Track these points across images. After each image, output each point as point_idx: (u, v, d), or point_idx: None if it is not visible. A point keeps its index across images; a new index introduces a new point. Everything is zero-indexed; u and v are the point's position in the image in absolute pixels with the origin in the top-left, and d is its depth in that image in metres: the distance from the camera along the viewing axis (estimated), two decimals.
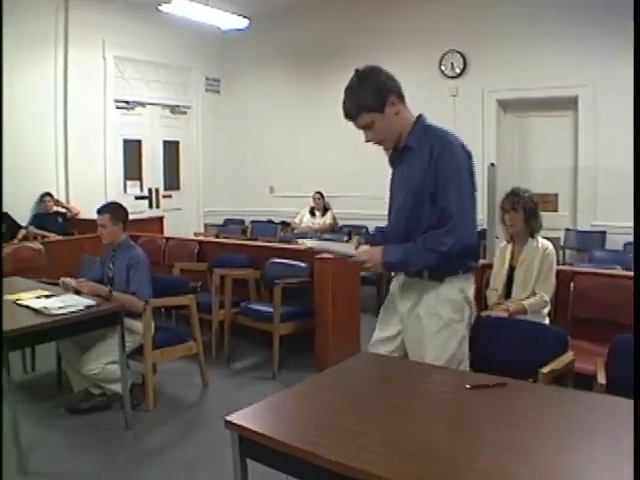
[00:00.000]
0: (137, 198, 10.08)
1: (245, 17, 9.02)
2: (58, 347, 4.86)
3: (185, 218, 10.81)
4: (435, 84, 8.94)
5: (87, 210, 8.53)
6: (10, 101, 8.61)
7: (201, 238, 7.64)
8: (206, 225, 10.88)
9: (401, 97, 2.90)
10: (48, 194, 8.88)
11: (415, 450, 1.95)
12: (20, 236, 8.25)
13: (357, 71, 2.90)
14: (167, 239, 7.51)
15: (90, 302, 4.16)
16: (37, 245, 7.43)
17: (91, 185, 9.44)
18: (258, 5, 9.78)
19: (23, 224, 8.55)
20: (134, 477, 3.71)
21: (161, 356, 4.73)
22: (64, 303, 4.11)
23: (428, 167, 2.79)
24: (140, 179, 10.48)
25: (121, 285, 4.48)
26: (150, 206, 10.51)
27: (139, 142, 10.41)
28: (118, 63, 9.86)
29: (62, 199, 9.15)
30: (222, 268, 5.98)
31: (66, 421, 4.47)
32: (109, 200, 5.45)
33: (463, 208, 2.77)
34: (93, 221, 7.60)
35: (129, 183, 10.26)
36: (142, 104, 10.39)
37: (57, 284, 4.81)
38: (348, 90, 2.89)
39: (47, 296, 4.37)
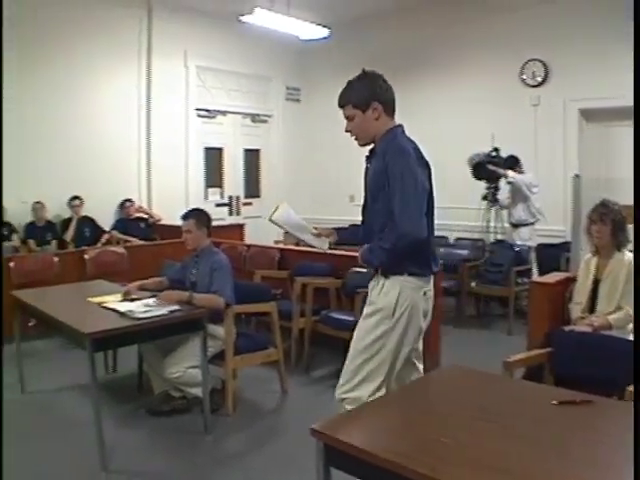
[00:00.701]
0: (218, 205, 10.21)
1: (325, 26, 9.03)
2: (140, 349, 4.94)
3: (265, 226, 10.75)
4: (515, 93, 8.78)
5: (169, 216, 8.72)
6: (96, 109, 8.85)
7: (282, 246, 7.65)
8: (286, 233, 10.84)
9: (387, 107, 3.23)
10: (129, 200, 9.07)
11: (497, 464, 1.92)
12: (104, 240, 8.47)
13: (363, 70, 3.31)
14: (248, 246, 7.55)
15: (174, 307, 4.22)
16: (120, 249, 7.58)
17: (173, 192, 9.62)
18: (338, 15, 9.80)
19: (106, 229, 8.76)
20: None
21: (241, 362, 4.75)
22: (149, 307, 4.19)
23: (381, 170, 3.11)
24: (221, 187, 10.64)
25: (203, 289, 4.50)
26: (230, 213, 10.66)
27: (220, 150, 10.56)
28: (200, 72, 10.03)
29: (144, 205, 9.33)
30: (303, 276, 5.99)
31: (146, 422, 4.55)
32: (190, 207, 5.50)
33: (406, 209, 2.97)
34: (175, 227, 7.68)
35: (210, 190, 10.42)
36: (223, 113, 10.54)
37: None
38: (348, 83, 3.30)
39: (132, 299, 4.46)
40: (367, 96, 3.18)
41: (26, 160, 8.29)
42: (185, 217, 4.75)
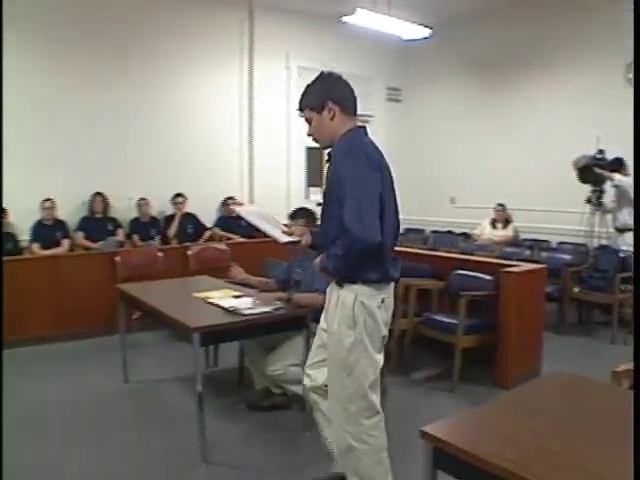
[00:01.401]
0: (319, 205, 10.11)
1: (427, 26, 8.95)
2: (242, 345, 5.00)
3: None
4: (620, 93, 8.36)
5: (271, 214, 8.78)
6: (199, 110, 9.03)
7: None
8: None
9: (344, 106, 3.11)
10: (231, 198, 9.20)
11: (608, 476, 1.86)
12: (206, 237, 8.62)
13: (320, 73, 3.20)
14: None
15: (278, 304, 4.25)
16: (222, 246, 7.70)
17: (274, 191, 9.76)
18: (440, 14, 9.74)
19: (209, 225, 8.91)
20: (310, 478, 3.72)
21: None
22: (253, 304, 4.23)
23: (332, 174, 3.03)
24: (322, 186, 10.54)
25: (307, 288, 4.49)
26: None
27: (321, 150, 10.49)
28: (301, 73, 10.08)
29: (246, 203, 9.44)
30: (405, 277, 5.93)
31: (246, 417, 4.61)
32: (292, 206, 5.51)
33: (356, 213, 2.82)
34: None
35: (312, 190, 10.53)
36: None
37: (243, 284, 4.94)
38: (305, 87, 3.20)
39: (236, 296, 4.52)
40: (320, 96, 3.11)
41: (132, 158, 8.56)
42: (292, 216, 4.75)
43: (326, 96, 3.09)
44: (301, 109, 3.23)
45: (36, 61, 7.93)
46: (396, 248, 3.28)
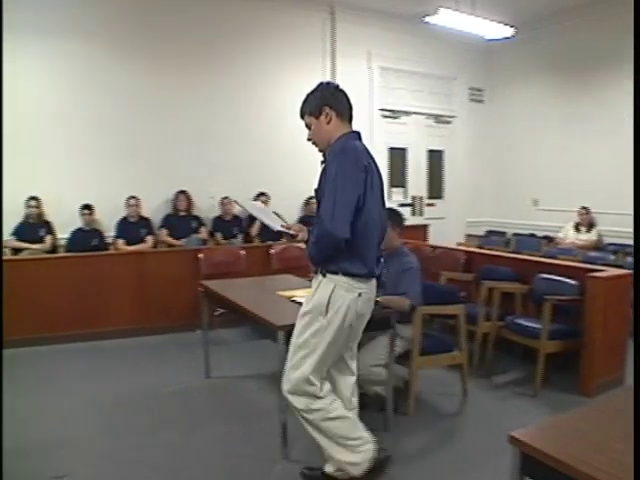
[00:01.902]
0: (401, 205, 10.13)
1: (511, 26, 8.84)
2: None
3: (447, 227, 10.77)
4: None
5: None
6: (281, 109, 9.10)
7: (468, 248, 7.53)
8: (468, 235, 10.84)
9: (340, 112, 3.41)
10: (312, 198, 9.23)
11: None
12: None
13: (320, 83, 3.53)
14: (434, 247, 7.50)
15: None
16: (304, 245, 7.72)
17: None
18: (524, 13, 9.60)
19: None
20: (393, 478, 3.71)
21: (426, 363, 4.74)
22: None
23: (323, 174, 3.31)
24: (404, 187, 10.67)
25: (392, 290, 4.50)
26: (413, 213, 10.64)
27: (404, 150, 10.59)
28: (383, 73, 10.08)
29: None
30: (489, 280, 5.89)
31: None
32: None
33: (331, 209, 3.11)
34: None
35: (394, 190, 10.48)
36: (407, 113, 10.55)
37: None
38: (306, 95, 3.51)
39: None
40: (318, 102, 3.40)
41: (216, 157, 8.71)
42: None
43: (323, 102, 3.39)
44: (302, 115, 3.52)
45: (119, 60, 8.15)
46: (477, 250, 3.30)
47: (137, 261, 7.11)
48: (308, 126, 3.50)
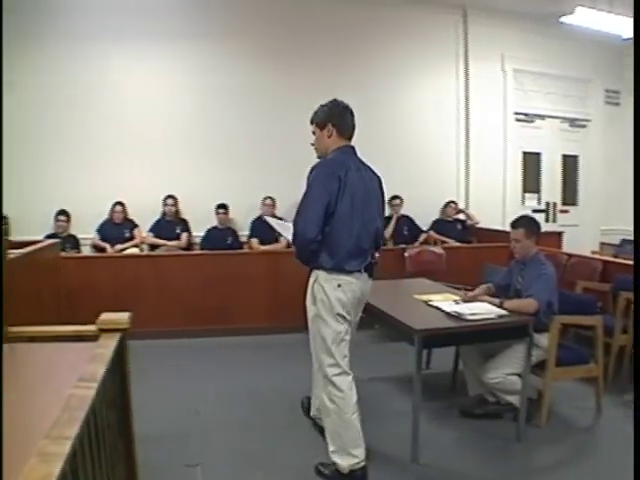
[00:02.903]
0: (534, 211, 9.94)
1: None
2: (458, 350, 5.03)
3: (581, 235, 10.47)
4: None
5: (486, 219, 8.76)
6: (413, 111, 9.12)
7: (604, 257, 7.30)
8: (602, 244, 10.53)
9: (340, 130, 3.86)
10: (453, 202, 9.23)
11: None
12: (421, 239, 8.69)
13: (334, 99, 3.96)
14: (569, 255, 7.30)
15: (502, 312, 4.24)
16: (439, 249, 7.74)
17: (490, 195, 9.65)
18: None
19: (424, 229, 8.99)
20: None
21: (561, 374, 4.65)
22: (476, 310, 4.24)
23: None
24: (538, 192, 10.47)
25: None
26: (547, 220, 10.39)
27: (538, 155, 10.39)
28: (517, 75, 9.93)
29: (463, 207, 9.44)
30: (626, 291, 5.71)
31: (458, 422, 4.62)
32: (507, 211, 5.47)
33: (303, 212, 3.64)
34: (492, 231, 7.67)
35: (527, 195, 10.30)
36: (541, 117, 10.34)
37: (459, 288, 4.97)
38: (319, 105, 3.97)
39: (455, 301, 4.56)
40: (324, 118, 3.86)
41: None
42: (515, 225, 4.70)
43: (329, 119, 3.84)
44: (311, 122, 3.98)
45: (256, 62, 8.48)
46: (614, 259, 3.24)
47: (271, 260, 7.25)
48: (314, 133, 3.98)
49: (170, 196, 8.09)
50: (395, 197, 8.78)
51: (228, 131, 8.33)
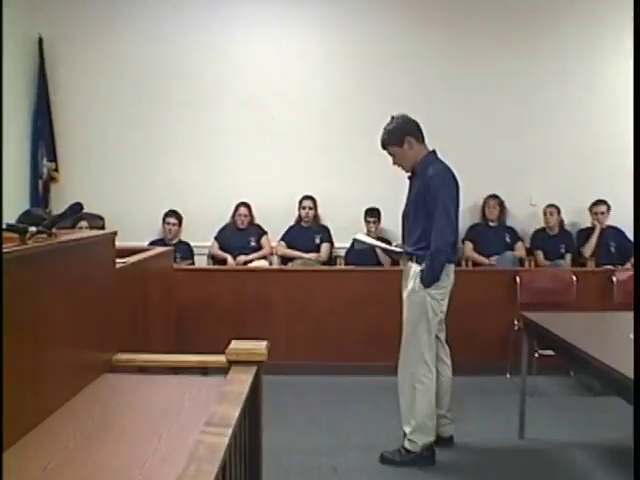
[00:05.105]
0: None
1: None
2: None
3: None
4: None
5: None
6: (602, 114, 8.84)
7: None
8: None
9: (417, 137, 4.90)
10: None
11: None
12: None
13: (391, 117, 4.96)
14: None
15: None
16: None
17: None
18: None
19: None
20: None
21: None
22: None
23: (424, 191, 4.80)
24: None
25: None
26: None
27: None
28: None
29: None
30: None
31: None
32: None
33: (441, 227, 4.72)
34: None
35: None
36: None
37: None
38: (383, 129, 4.95)
39: None
40: (399, 135, 4.84)
41: (529, 155, 8.71)
42: None
43: (404, 133, 4.84)
44: (384, 147, 4.95)
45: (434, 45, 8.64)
46: None
47: None
48: (392, 155, 4.95)
49: (308, 197, 8.10)
50: (599, 202, 8.44)
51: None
